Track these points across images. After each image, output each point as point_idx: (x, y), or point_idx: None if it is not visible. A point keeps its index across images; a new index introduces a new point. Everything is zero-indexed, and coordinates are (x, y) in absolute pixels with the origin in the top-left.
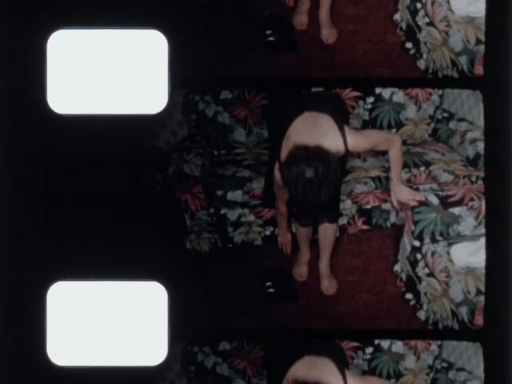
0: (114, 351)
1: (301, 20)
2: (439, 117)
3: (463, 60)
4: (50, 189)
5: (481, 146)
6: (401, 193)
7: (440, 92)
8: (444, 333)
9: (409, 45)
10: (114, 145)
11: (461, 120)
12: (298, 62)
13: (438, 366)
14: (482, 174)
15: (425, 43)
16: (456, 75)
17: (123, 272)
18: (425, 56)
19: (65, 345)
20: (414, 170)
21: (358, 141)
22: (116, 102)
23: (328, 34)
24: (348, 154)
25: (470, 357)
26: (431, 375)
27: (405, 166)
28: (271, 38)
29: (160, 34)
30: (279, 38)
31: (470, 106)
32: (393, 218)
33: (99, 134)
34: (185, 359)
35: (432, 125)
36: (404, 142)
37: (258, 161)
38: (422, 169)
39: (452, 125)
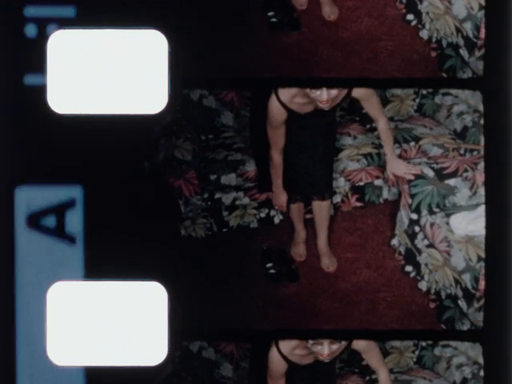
0: (114, 351)
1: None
2: (424, 92)
3: (468, 26)
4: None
5: (468, 119)
6: (397, 167)
7: None
8: (444, 333)
9: (410, 16)
10: (114, 145)
11: (446, 94)
12: (302, 41)
13: (424, 343)
14: (470, 146)
15: (427, 13)
16: (461, 41)
17: (123, 272)
18: (427, 26)
19: (65, 345)
20: (405, 145)
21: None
22: (116, 101)
23: (330, 11)
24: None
25: None
26: (417, 352)
27: (395, 141)
28: (274, 20)
29: (160, 34)
30: (281, 18)
31: None
32: (385, 194)
33: (99, 134)
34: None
35: (417, 100)
36: (391, 119)
37: (248, 143)
38: (412, 144)
39: (437, 99)
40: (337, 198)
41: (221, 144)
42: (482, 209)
